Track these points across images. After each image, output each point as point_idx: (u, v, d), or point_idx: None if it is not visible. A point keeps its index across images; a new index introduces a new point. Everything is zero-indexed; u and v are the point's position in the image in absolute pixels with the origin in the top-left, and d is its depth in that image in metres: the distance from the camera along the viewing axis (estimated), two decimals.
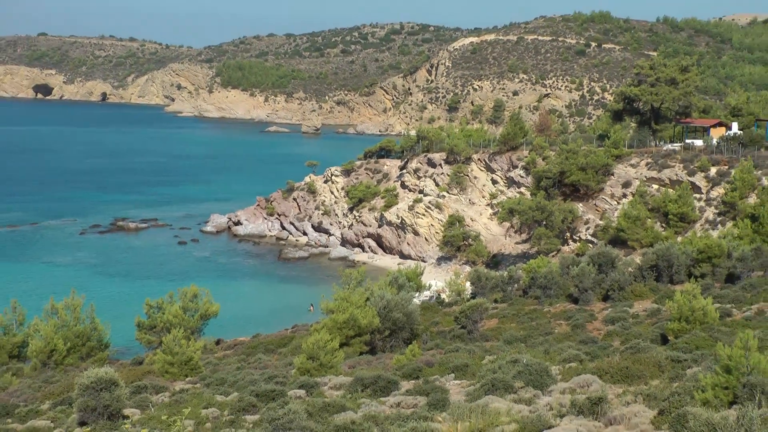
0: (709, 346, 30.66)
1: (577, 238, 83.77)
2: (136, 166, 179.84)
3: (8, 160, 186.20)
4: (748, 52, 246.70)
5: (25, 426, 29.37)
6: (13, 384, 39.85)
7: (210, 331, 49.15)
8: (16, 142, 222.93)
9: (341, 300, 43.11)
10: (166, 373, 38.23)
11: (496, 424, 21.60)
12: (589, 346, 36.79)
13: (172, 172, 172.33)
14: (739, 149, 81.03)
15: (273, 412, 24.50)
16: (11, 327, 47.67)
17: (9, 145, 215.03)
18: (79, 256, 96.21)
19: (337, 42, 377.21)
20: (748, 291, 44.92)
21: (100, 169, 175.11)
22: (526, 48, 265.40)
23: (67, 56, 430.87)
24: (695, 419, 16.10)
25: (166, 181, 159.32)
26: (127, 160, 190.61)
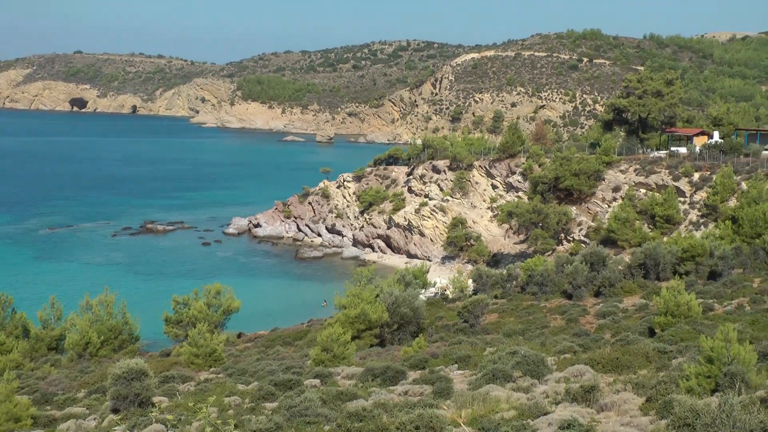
0: (692, 338, 30.62)
1: (570, 238, 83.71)
2: (164, 173, 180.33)
3: (47, 168, 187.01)
4: (727, 66, 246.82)
5: (63, 412, 29.47)
6: (52, 374, 39.97)
7: (232, 325, 49.20)
8: (54, 152, 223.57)
9: (353, 296, 43.16)
10: (191, 364, 38.31)
11: (497, 411, 21.61)
12: (582, 339, 36.76)
13: (196, 178, 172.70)
14: (720, 156, 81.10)
15: (290, 400, 24.55)
16: (50, 321, 47.84)
17: (48, 155, 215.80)
18: (112, 256, 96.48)
19: (349, 58, 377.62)
20: (729, 287, 44.91)
21: (130, 175, 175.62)
22: (523, 63, 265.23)
23: (101, 72, 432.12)
24: (680, 406, 16.11)
25: (191, 186, 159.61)
26: (155, 168, 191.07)
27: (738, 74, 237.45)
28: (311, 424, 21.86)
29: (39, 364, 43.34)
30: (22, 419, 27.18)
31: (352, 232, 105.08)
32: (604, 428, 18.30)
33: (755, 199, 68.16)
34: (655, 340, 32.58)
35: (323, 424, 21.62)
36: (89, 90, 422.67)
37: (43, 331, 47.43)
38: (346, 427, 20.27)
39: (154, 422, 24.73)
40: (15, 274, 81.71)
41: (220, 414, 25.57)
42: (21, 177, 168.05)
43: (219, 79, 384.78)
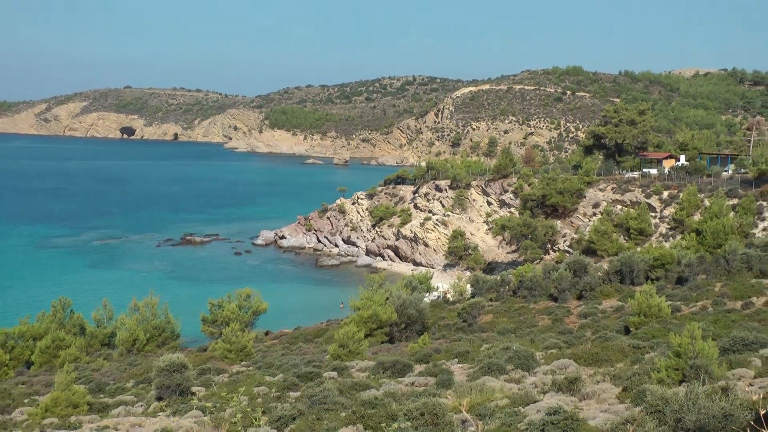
0: (662, 335, 30.58)
1: (556, 248, 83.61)
2: (201, 192, 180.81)
3: (101, 187, 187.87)
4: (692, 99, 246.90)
5: (114, 400, 29.57)
6: (105, 366, 40.11)
7: (260, 324, 49.30)
8: (107, 174, 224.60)
9: (366, 299, 43.19)
10: (225, 358, 38.37)
11: (492, 400, 21.61)
12: (566, 336, 36.71)
13: (229, 196, 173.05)
14: (686, 177, 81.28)
15: (311, 390, 24.58)
16: (103, 321, 48.09)
17: (101, 176, 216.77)
18: (156, 264, 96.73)
19: (362, 91, 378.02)
20: (694, 291, 44.85)
21: (172, 194, 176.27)
22: (514, 96, 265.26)
23: (147, 104, 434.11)
24: (652, 394, 16.10)
25: (225, 203, 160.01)
26: (193, 187, 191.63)
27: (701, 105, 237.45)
28: (329, 411, 21.89)
29: (93, 358, 43.53)
30: (80, 405, 27.29)
31: (365, 243, 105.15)
32: (585, 414, 18.27)
33: (716, 214, 68.04)
34: (630, 338, 32.53)
35: (340, 411, 21.65)
36: (137, 120, 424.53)
37: (97, 329, 47.69)
38: (360, 413, 20.28)
39: (194, 409, 24.80)
40: (73, 280, 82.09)
41: (250, 402, 25.60)
42: (79, 195, 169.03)
43: (249, 109, 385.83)
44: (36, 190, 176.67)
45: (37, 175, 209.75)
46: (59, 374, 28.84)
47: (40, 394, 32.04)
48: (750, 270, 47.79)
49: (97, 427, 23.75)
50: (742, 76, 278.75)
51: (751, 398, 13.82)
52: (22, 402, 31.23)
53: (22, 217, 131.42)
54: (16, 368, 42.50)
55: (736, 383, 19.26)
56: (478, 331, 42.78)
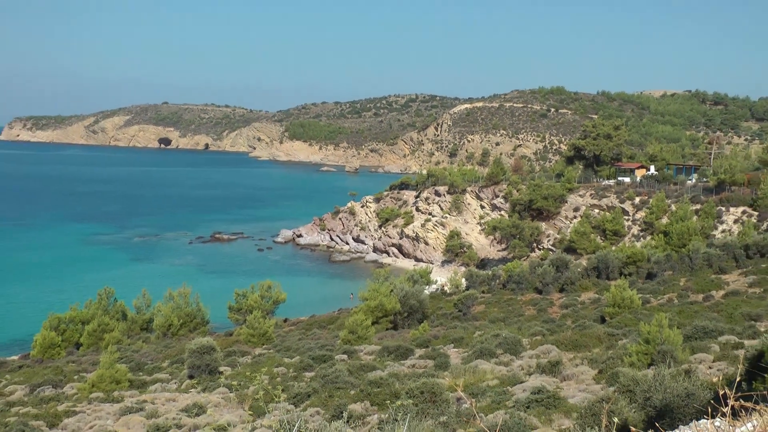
0: (634, 324, 30.57)
1: (541, 247, 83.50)
2: (228, 195, 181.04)
3: (141, 190, 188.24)
4: (660, 116, 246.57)
5: (151, 377, 29.68)
6: (143, 348, 40.24)
7: (279, 312, 49.39)
8: (145, 179, 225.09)
9: (373, 291, 43.25)
10: (248, 342, 38.44)
11: (484, 380, 21.65)
12: (549, 324, 36.70)
13: (253, 199, 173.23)
14: (655, 184, 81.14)
15: (324, 370, 24.64)
16: (142, 308, 48.23)
17: (141, 181, 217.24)
18: (188, 258, 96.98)
19: (371, 107, 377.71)
20: (662, 285, 44.84)
21: (203, 197, 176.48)
22: (504, 112, 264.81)
23: (182, 118, 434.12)
24: (624, 376, 16.12)
25: (249, 205, 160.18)
26: (221, 191, 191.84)
27: (668, 122, 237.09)
28: (340, 389, 21.94)
29: (133, 340, 43.69)
30: (122, 382, 27.42)
31: (373, 241, 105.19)
32: (566, 394, 18.30)
33: (681, 218, 67.98)
34: (606, 326, 32.51)
35: (349, 389, 21.70)
36: (173, 131, 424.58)
37: (136, 315, 47.83)
38: (367, 391, 20.34)
39: (221, 386, 24.88)
40: (116, 272, 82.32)
41: (271, 380, 25.67)
42: (121, 198, 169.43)
43: (271, 123, 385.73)
44: (85, 193, 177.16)
45: (85, 180, 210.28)
46: (104, 354, 28.98)
47: (88, 372, 32.18)
48: (710, 267, 47.77)
49: (136, 401, 23.84)
50: (704, 96, 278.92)
51: (711, 380, 13.85)
52: (72, 378, 31.39)
53: (73, 216, 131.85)
54: (67, 348, 42.72)
55: (698, 366, 19.27)
56: (472, 320, 42.81)
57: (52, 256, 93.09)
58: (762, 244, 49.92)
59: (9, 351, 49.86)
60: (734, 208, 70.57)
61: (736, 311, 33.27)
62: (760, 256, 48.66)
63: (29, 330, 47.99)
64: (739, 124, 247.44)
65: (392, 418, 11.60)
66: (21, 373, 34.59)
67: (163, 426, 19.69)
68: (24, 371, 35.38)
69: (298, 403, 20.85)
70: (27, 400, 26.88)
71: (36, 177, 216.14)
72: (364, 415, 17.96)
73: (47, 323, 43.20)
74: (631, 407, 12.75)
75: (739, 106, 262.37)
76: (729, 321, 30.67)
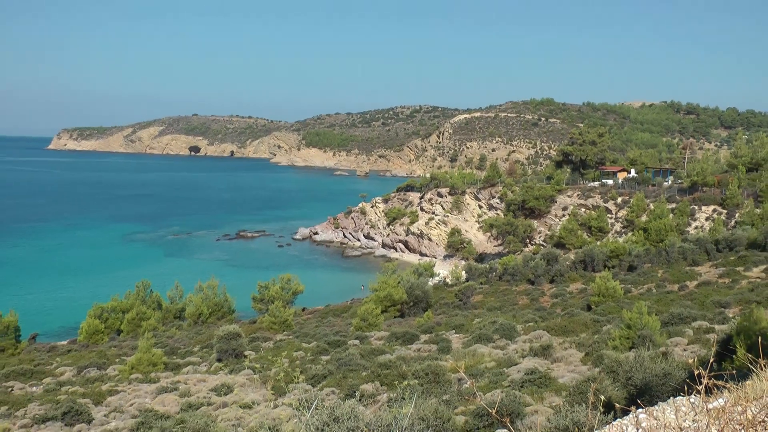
0: (617, 311, 30.54)
1: (533, 242, 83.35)
2: (251, 197, 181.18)
3: (174, 193, 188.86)
4: (639, 124, 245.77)
5: (184, 360, 29.79)
6: (176, 334, 40.38)
7: (298, 302, 49.46)
8: (177, 183, 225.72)
9: (382, 282, 43.30)
10: (270, 329, 38.56)
11: (482, 362, 21.66)
12: (541, 312, 36.68)
13: (274, 200, 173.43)
14: (635, 186, 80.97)
15: (338, 354, 24.70)
16: (175, 298, 48.39)
17: (174, 184, 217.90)
18: (216, 254, 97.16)
19: (379, 117, 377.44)
20: (642, 276, 44.76)
21: (228, 198, 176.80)
22: (500, 121, 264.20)
23: (210, 128, 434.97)
24: (608, 358, 16.12)
25: (270, 206, 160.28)
26: (245, 193, 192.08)
27: (647, 130, 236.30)
28: (353, 371, 21.99)
29: (168, 327, 43.84)
30: (157, 364, 27.53)
31: (381, 238, 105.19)
32: (556, 374, 18.29)
33: (659, 216, 67.80)
34: (591, 313, 32.48)
35: (361, 371, 21.74)
36: (202, 140, 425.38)
37: (170, 305, 48.00)
38: (377, 373, 20.37)
39: (246, 368, 24.96)
40: (152, 266, 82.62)
41: (290, 363, 25.74)
42: (156, 200, 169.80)
43: (290, 132, 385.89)
44: (124, 196, 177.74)
45: (125, 185, 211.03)
46: (142, 340, 29.10)
47: (128, 355, 32.32)
48: (685, 260, 47.67)
49: (171, 382, 23.94)
50: (679, 107, 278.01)
51: (686, 361, 13.83)
52: (114, 361, 31.53)
53: (114, 217, 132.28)
54: (109, 335, 42.90)
55: (674, 349, 19.25)
56: (471, 308, 42.82)
57: (96, 253, 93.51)
58: (730, 239, 49.83)
59: (59, 337, 50.14)
60: (706, 206, 70.38)
61: (708, 299, 33.18)
62: (729, 249, 48.57)
63: (76, 318, 48.24)
64: (710, 131, 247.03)
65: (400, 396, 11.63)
66: (69, 357, 34.77)
67: (195, 404, 19.78)
68: (72, 355, 35.57)
69: (315, 384, 20.90)
70: (75, 380, 27.03)
71: (82, 182, 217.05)
72: (374, 394, 18.00)
73: (92, 312, 43.42)
74: (615, 386, 12.75)
75: (709, 116, 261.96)
76: (701, 308, 30.59)
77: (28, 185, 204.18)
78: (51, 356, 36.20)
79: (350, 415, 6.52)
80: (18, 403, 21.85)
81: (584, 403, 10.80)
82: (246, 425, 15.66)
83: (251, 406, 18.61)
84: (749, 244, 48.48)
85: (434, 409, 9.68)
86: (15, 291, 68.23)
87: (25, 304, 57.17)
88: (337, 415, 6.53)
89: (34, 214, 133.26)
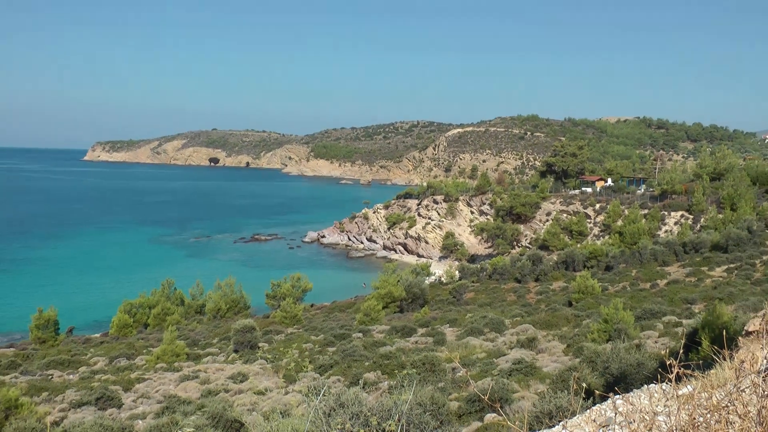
0: (595, 307, 30.50)
1: (520, 245, 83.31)
2: (265, 203, 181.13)
3: (195, 200, 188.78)
4: (615, 138, 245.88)
5: (204, 351, 29.77)
6: (197, 328, 40.35)
7: (307, 298, 49.38)
8: (199, 190, 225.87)
9: (383, 281, 43.29)
10: (282, 323, 38.54)
11: (474, 353, 21.63)
12: (527, 308, 36.64)
13: (285, 206, 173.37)
14: (612, 193, 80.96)
15: (344, 346, 24.67)
16: (196, 295, 48.38)
17: (195, 192, 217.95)
18: (233, 255, 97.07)
19: (381, 131, 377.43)
20: (617, 276, 44.73)
21: (245, 205, 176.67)
22: (490, 135, 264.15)
23: (227, 141, 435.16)
24: (587, 349, 16.09)
25: (282, 211, 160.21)
26: (259, 200, 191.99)
27: (622, 143, 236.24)
28: (357, 361, 21.97)
29: (189, 322, 43.80)
30: (180, 355, 27.51)
31: (383, 241, 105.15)
32: (540, 364, 18.27)
33: (633, 220, 67.86)
34: (572, 309, 32.46)
35: (364, 361, 21.72)
36: (220, 152, 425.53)
37: (192, 301, 47.99)
38: (378, 363, 20.36)
39: (259, 359, 24.94)
40: (175, 266, 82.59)
41: (300, 354, 25.72)
42: (179, 206, 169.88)
43: (300, 145, 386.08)
44: (151, 202, 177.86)
45: (151, 192, 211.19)
46: (166, 333, 29.09)
47: (154, 347, 32.31)
48: (656, 260, 47.64)
49: (192, 371, 23.92)
50: (650, 122, 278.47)
51: (658, 352, 13.83)
52: (141, 351, 31.52)
53: (142, 221, 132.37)
54: (137, 328, 42.88)
55: (646, 341, 19.22)
56: (464, 305, 42.79)
57: (126, 254, 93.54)
58: (696, 242, 49.81)
59: (93, 330, 50.13)
60: (674, 212, 70.37)
61: (676, 296, 33.17)
62: (695, 251, 48.54)
63: (108, 313, 48.22)
64: (678, 144, 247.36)
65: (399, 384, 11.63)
66: (102, 348, 34.77)
67: (214, 390, 19.77)
68: (104, 346, 35.57)
69: (323, 373, 20.88)
70: (107, 369, 27.03)
71: (113, 190, 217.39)
72: (376, 382, 17.99)
73: (122, 308, 43.44)
74: (594, 374, 12.73)
75: (677, 130, 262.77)
76: (670, 304, 30.57)
77: (67, 192, 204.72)
78: (86, 347, 36.21)
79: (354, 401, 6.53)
80: (57, 390, 21.88)
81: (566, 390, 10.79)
82: (260, 410, 15.64)
83: (264, 393, 18.59)
84: (713, 247, 48.49)
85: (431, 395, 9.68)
86: (56, 288, 68.31)
87: (63, 300, 57.08)
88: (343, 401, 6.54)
89: (72, 218, 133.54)
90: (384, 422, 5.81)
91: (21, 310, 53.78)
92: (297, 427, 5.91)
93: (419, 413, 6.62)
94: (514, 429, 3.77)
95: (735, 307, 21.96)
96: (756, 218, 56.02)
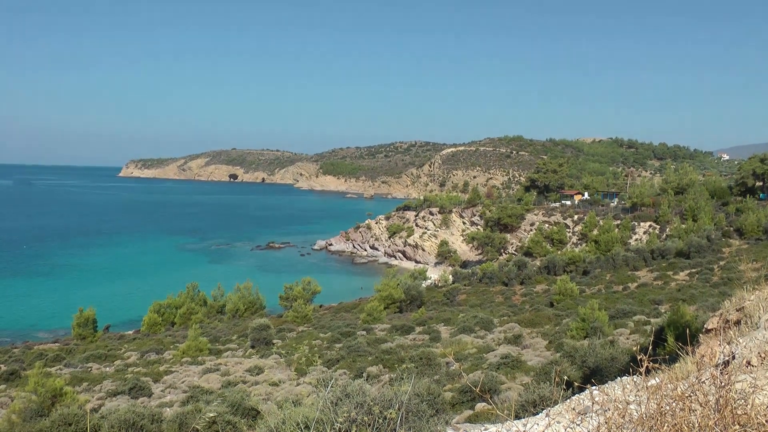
0: (574, 307, 30.44)
1: (507, 252, 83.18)
2: (279, 215, 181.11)
3: (217, 212, 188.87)
4: (591, 156, 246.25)
5: (224, 347, 29.69)
6: (218, 326, 40.26)
7: (316, 300, 49.24)
8: (220, 203, 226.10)
9: (384, 284, 43.23)
10: (294, 322, 38.45)
11: (465, 349, 21.58)
12: (513, 308, 36.57)
13: (297, 217, 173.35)
14: (588, 206, 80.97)
15: (349, 342, 24.62)
16: (217, 297, 48.24)
17: (217, 205, 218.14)
18: (250, 261, 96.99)
19: (382, 150, 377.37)
20: (593, 279, 44.68)
21: (261, 216, 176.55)
22: (480, 154, 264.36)
23: (245, 159, 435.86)
24: (567, 345, 16.05)
25: (294, 222, 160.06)
26: (274, 212, 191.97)
27: (597, 160, 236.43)
28: (361, 356, 21.92)
29: (212, 320, 43.72)
30: (203, 350, 27.46)
31: (384, 248, 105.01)
32: (525, 358, 18.22)
33: (607, 230, 67.78)
34: (554, 309, 32.39)
35: (368, 356, 21.68)
36: (239, 169, 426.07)
37: (213, 302, 47.87)
38: (380, 358, 20.31)
39: (274, 353, 24.88)
40: (199, 270, 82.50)
41: (310, 349, 25.66)
42: (202, 217, 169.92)
43: (310, 162, 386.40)
44: (177, 213, 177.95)
45: (178, 204, 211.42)
46: (191, 330, 29.05)
47: (180, 343, 32.24)
48: (627, 266, 47.58)
49: (214, 364, 23.87)
50: (622, 142, 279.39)
51: (629, 347, 13.79)
52: (169, 347, 31.46)
53: (169, 230, 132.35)
54: (165, 326, 42.80)
55: (619, 338, 19.18)
56: (457, 306, 42.71)
57: (155, 259, 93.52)
58: (662, 249, 49.79)
59: (126, 327, 50.04)
60: (643, 222, 70.37)
61: (645, 298, 33.13)
62: (661, 257, 48.51)
63: (139, 313, 48.17)
64: (646, 162, 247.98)
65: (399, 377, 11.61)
66: (134, 343, 34.72)
67: (233, 381, 19.73)
68: (136, 342, 35.52)
69: (330, 366, 20.83)
70: (138, 362, 26.98)
71: (144, 202, 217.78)
72: (378, 375, 17.95)
73: (152, 308, 43.41)
74: (573, 367, 12.71)
75: (645, 149, 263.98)
76: (640, 305, 30.50)
77: (104, 205, 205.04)
78: (120, 343, 36.17)
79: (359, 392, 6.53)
80: (95, 380, 21.87)
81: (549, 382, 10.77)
82: (274, 399, 15.60)
83: (278, 384, 18.55)
84: (677, 253, 48.47)
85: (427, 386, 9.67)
86: (94, 290, 68.35)
87: (101, 300, 57.08)
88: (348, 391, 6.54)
89: (108, 227, 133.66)
90: (385, 410, 5.81)
91: (64, 310, 53.82)
92: (307, 414, 5.92)
93: (417, 403, 6.62)
94: (501, 416, 3.79)
95: (696, 308, 21.93)
96: (714, 228, 56.11)
